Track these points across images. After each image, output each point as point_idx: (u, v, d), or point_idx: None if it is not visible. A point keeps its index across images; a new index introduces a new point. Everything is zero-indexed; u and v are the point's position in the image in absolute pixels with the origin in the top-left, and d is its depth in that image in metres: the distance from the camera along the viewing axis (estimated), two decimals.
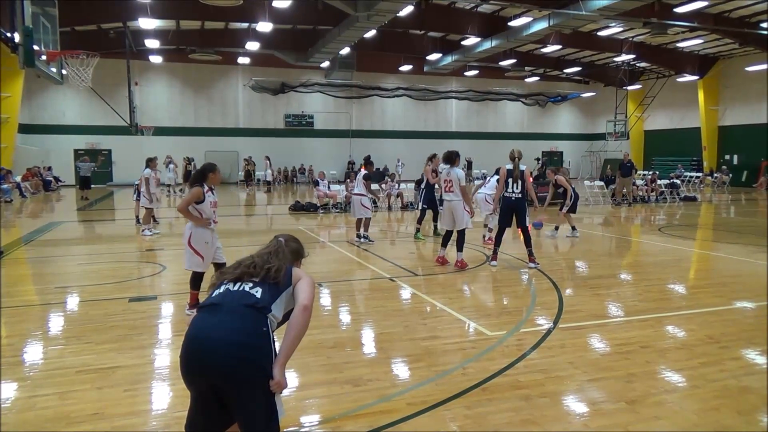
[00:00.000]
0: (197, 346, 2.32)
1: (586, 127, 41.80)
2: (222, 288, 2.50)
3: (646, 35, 27.02)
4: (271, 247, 2.76)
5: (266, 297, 2.45)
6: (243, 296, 2.42)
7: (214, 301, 2.45)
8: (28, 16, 9.42)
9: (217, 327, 2.32)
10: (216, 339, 2.28)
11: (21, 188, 23.18)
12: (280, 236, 2.91)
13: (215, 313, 2.38)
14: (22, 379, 4.37)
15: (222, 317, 2.35)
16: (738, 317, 6.05)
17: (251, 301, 2.40)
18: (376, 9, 20.15)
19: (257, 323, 2.37)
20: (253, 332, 2.33)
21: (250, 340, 2.31)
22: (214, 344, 2.27)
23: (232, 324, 2.32)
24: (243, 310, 2.37)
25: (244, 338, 2.30)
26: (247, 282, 2.49)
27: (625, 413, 3.75)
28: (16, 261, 9.74)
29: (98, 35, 25.62)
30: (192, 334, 2.37)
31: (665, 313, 6.20)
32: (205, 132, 33.28)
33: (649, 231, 13.71)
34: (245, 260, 2.63)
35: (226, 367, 2.27)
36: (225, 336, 2.29)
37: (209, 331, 2.32)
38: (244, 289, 2.45)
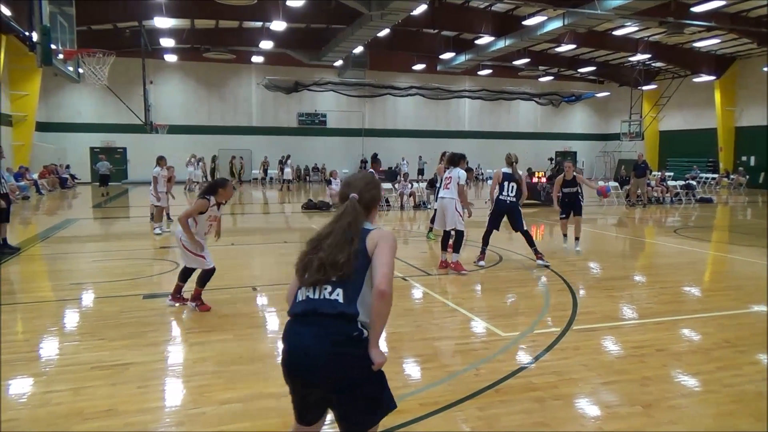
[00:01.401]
0: (296, 361, 2.37)
1: (600, 127, 41.46)
2: (303, 296, 2.45)
3: (662, 35, 26.72)
4: (339, 226, 2.50)
5: (348, 298, 2.38)
6: (326, 305, 2.37)
7: (299, 311, 2.43)
8: (45, 16, 9.53)
9: (310, 340, 2.33)
10: (312, 354, 2.31)
11: (38, 185, 23.47)
12: (351, 192, 2.59)
13: (305, 324, 2.39)
14: (38, 374, 4.42)
15: (312, 329, 2.35)
16: (755, 321, 5.96)
17: (336, 310, 2.35)
18: (390, 8, 20.12)
19: (348, 330, 2.35)
20: (346, 341, 2.33)
21: (344, 349, 2.32)
22: (311, 360, 2.31)
23: (325, 336, 2.32)
24: (330, 320, 2.35)
25: (338, 349, 2.31)
26: (325, 286, 2.40)
27: (640, 417, 3.70)
28: (33, 257, 9.86)
29: (114, 34, 25.85)
30: (289, 347, 2.41)
31: (680, 315, 6.12)
32: (218, 131, 33.46)
33: (664, 233, 13.56)
34: (313, 259, 2.45)
35: (326, 380, 2.33)
36: (320, 350, 2.31)
37: (304, 346, 2.34)
38: (324, 297, 2.39)
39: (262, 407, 3.82)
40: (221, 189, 6.04)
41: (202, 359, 4.72)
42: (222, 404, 3.85)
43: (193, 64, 32.36)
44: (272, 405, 3.86)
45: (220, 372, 4.43)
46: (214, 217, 6.11)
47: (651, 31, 26.81)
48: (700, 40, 27.05)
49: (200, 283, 6.12)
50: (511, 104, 38.54)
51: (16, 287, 7.75)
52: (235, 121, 34.10)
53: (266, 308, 6.41)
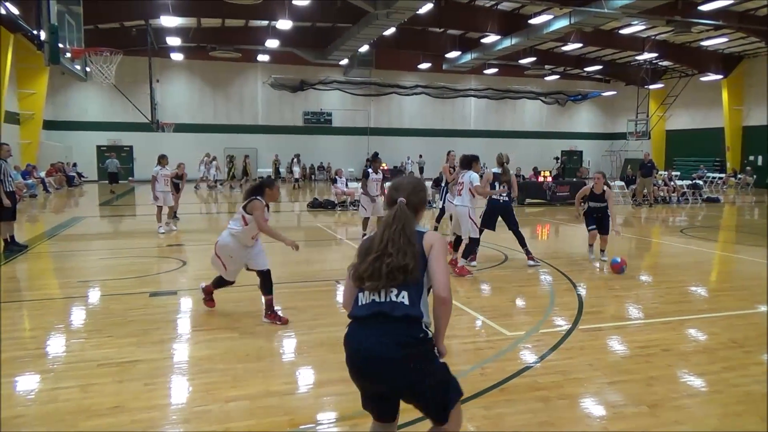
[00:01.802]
0: (365, 363, 2.44)
1: (606, 127, 41.31)
2: (367, 299, 2.49)
3: (669, 34, 26.58)
4: (394, 231, 2.50)
5: (413, 301, 2.44)
6: (392, 307, 2.42)
7: (363, 314, 2.48)
8: (53, 14, 9.58)
9: (379, 343, 2.39)
10: (382, 357, 2.37)
11: (45, 183, 23.60)
12: (399, 196, 2.60)
13: (372, 327, 2.44)
14: (45, 371, 4.45)
15: (380, 331, 2.41)
16: (761, 321, 5.93)
17: (402, 313, 2.40)
18: (395, 7, 20.12)
19: (414, 331, 2.41)
20: (413, 342, 2.39)
21: (410, 351, 2.38)
22: (381, 362, 2.38)
23: (391, 338, 2.38)
24: (396, 322, 2.40)
25: (406, 351, 2.37)
26: (390, 289, 2.44)
27: (646, 417, 3.70)
28: (40, 255, 9.92)
29: (121, 33, 25.94)
30: (355, 348, 2.47)
31: (687, 315, 6.11)
32: (224, 129, 33.55)
33: (671, 232, 13.51)
34: (380, 266, 2.45)
35: (394, 381, 2.41)
36: (387, 352, 2.37)
37: (373, 348, 2.40)
38: (391, 300, 2.43)
39: (269, 405, 3.84)
40: (268, 189, 5.60)
41: (208, 357, 4.74)
42: (228, 402, 3.87)
43: (199, 63, 32.44)
44: (278, 403, 3.87)
45: (227, 370, 4.45)
46: (266, 219, 5.60)
47: (658, 30, 26.69)
48: (707, 38, 26.90)
49: (215, 283, 5.97)
50: (517, 103, 38.47)
51: (23, 284, 7.81)
52: (240, 119, 34.19)
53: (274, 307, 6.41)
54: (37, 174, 23.64)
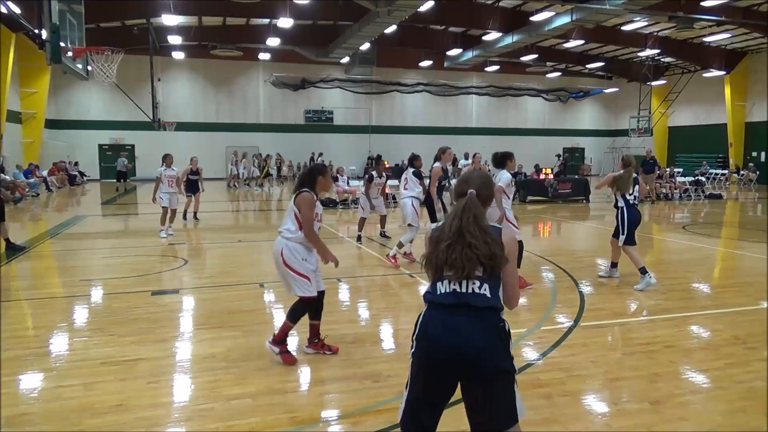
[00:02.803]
0: (443, 350, 2.42)
1: (608, 123, 41.22)
2: (449, 287, 2.48)
3: (672, 30, 26.48)
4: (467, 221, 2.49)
5: (494, 293, 2.48)
6: (474, 298, 2.44)
7: (445, 301, 2.47)
8: (55, 13, 9.58)
9: (459, 331, 2.40)
10: (460, 345, 2.38)
11: (47, 182, 23.64)
12: (470, 188, 2.58)
13: (453, 315, 2.44)
14: (48, 369, 4.46)
15: (461, 320, 2.42)
16: (765, 317, 5.90)
17: (485, 304, 2.43)
18: (397, 4, 20.08)
19: (494, 322, 2.45)
20: (493, 334, 2.43)
21: (491, 343, 2.41)
22: (460, 350, 2.39)
23: (473, 328, 2.40)
24: (478, 312, 2.43)
25: (486, 341, 2.40)
26: (472, 281, 2.46)
27: (649, 413, 3.69)
28: (42, 254, 9.94)
29: (122, 32, 25.94)
30: (435, 335, 2.44)
31: (690, 312, 6.09)
32: (226, 127, 33.55)
33: (674, 229, 13.48)
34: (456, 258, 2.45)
35: (472, 369, 2.40)
36: (469, 341, 2.38)
37: (453, 336, 2.40)
38: (473, 291, 2.45)
39: (271, 403, 3.84)
40: (321, 177, 4.62)
41: (211, 355, 4.74)
42: (231, 400, 3.88)
43: (200, 62, 32.43)
44: (281, 401, 3.88)
45: (229, 368, 4.45)
46: (319, 216, 4.64)
47: (660, 26, 26.59)
48: (710, 34, 26.80)
49: (291, 317, 4.59)
50: (519, 100, 38.40)
51: (26, 283, 7.83)
52: (242, 118, 34.18)
53: (274, 304, 6.43)
54: (39, 173, 23.68)
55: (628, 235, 7.26)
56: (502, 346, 2.42)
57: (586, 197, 19.74)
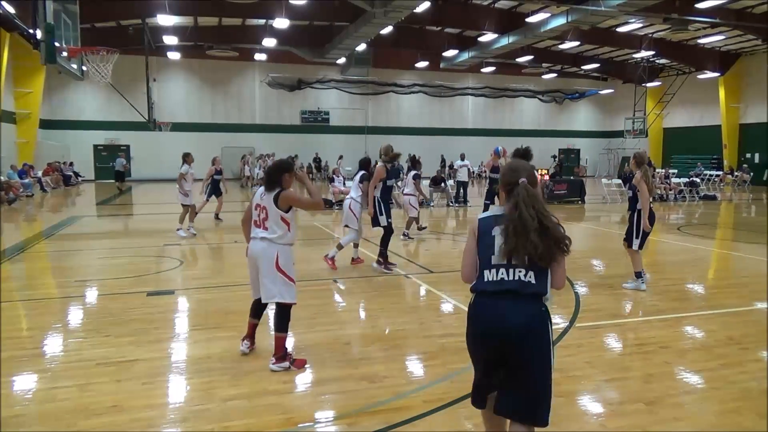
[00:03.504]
0: (494, 330, 2.64)
1: (603, 125, 41.35)
2: (497, 275, 2.66)
3: (667, 31, 26.59)
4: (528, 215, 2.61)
5: (539, 282, 2.65)
6: (521, 285, 2.63)
7: (492, 289, 2.67)
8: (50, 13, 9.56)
9: (506, 314, 2.62)
10: (507, 325, 2.60)
11: (42, 183, 23.54)
12: (521, 177, 2.72)
13: (501, 299, 2.64)
14: (43, 371, 4.45)
15: (508, 304, 2.63)
16: (759, 318, 5.94)
17: (529, 290, 2.63)
18: (393, 5, 20.09)
19: (536, 307, 2.65)
20: (536, 317, 2.64)
21: (533, 324, 2.62)
22: (508, 330, 2.60)
23: (518, 311, 2.62)
24: (523, 298, 2.63)
25: (529, 323, 2.61)
26: (519, 269, 2.64)
27: (644, 414, 3.71)
28: (37, 255, 9.90)
29: (118, 32, 25.87)
30: (487, 317, 2.68)
31: (685, 313, 6.12)
32: (221, 128, 33.49)
33: (668, 230, 13.53)
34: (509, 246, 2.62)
35: (518, 344, 2.60)
36: (515, 322, 2.60)
37: (501, 318, 2.62)
38: (519, 278, 2.64)
39: (266, 404, 3.84)
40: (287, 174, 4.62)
41: (206, 356, 4.74)
42: (226, 401, 3.87)
43: (196, 62, 32.38)
44: (276, 402, 3.88)
45: (225, 369, 4.45)
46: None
47: (655, 28, 26.71)
48: (704, 36, 26.94)
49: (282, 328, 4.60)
50: (515, 101, 38.49)
51: (21, 284, 7.79)
52: (238, 118, 34.13)
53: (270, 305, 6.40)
54: (33, 173, 23.58)
55: (642, 240, 6.99)
56: (539, 328, 2.63)
57: (581, 198, 19.80)
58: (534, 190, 2.70)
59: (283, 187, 4.54)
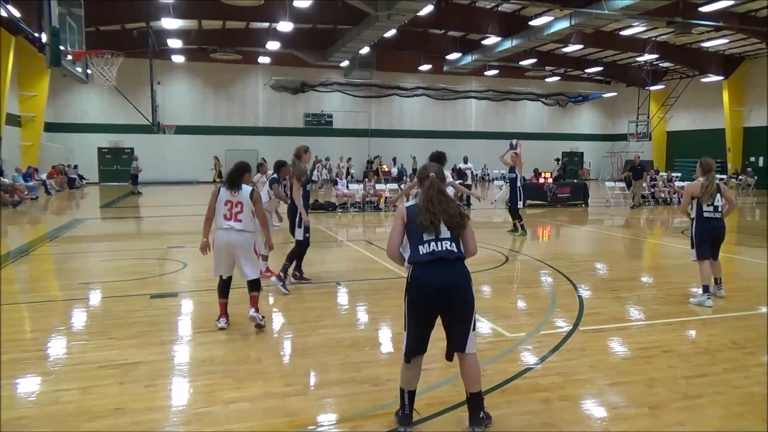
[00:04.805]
0: (434, 290, 3.38)
1: (607, 128, 41.30)
2: (429, 247, 3.40)
3: (670, 35, 26.59)
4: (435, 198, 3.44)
5: (459, 248, 3.46)
6: (448, 253, 3.40)
7: (428, 259, 3.39)
8: (54, 17, 9.58)
9: (443, 276, 3.39)
10: (446, 285, 3.39)
11: (46, 185, 23.61)
12: (431, 171, 3.55)
13: (437, 266, 3.38)
14: (46, 373, 4.46)
15: (443, 268, 3.39)
16: (763, 322, 5.91)
17: (454, 256, 3.41)
18: (396, 8, 20.12)
19: (462, 267, 3.47)
20: (462, 274, 3.45)
21: (462, 281, 3.44)
22: (446, 288, 3.39)
23: (451, 272, 3.41)
24: (452, 262, 3.41)
25: (459, 281, 3.43)
26: (445, 241, 3.42)
27: (647, 418, 3.69)
28: (41, 257, 9.93)
29: (122, 35, 25.97)
30: (426, 281, 3.39)
31: (688, 317, 6.10)
32: (225, 131, 33.56)
33: (671, 233, 13.50)
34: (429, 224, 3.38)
35: (453, 300, 3.41)
36: (449, 281, 3.39)
37: (440, 279, 3.38)
38: (446, 248, 3.40)
39: (269, 407, 3.84)
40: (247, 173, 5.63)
41: (209, 359, 4.74)
42: (229, 403, 3.87)
43: (200, 65, 32.48)
44: (279, 405, 3.88)
45: (227, 371, 4.45)
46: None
47: (659, 31, 26.68)
48: (708, 40, 26.88)
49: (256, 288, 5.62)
50: (518, 105, 38.45)
51: (25, 286, 7.82)
52: (241, 121, 34.19)
53: (272, 308, 6.42)
54: (38, 176, 23.65)
55: (698, 250, 6.63)
56: (466, 283, 3.44)
57: (585, 201, 19.77)
58: (439, 182, 3.54)
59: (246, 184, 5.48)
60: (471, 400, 3.52)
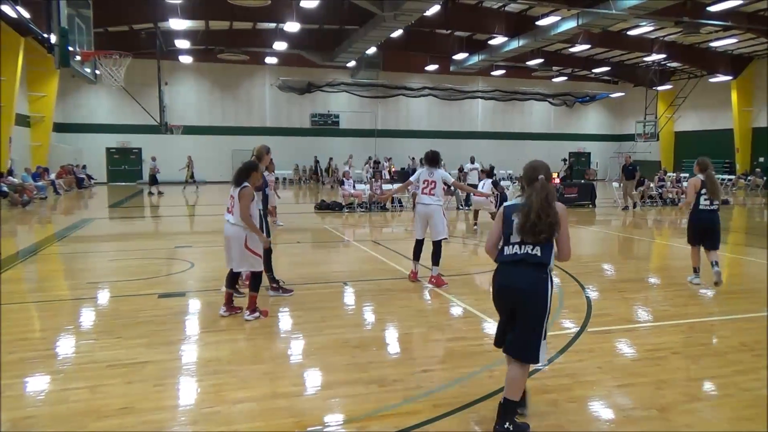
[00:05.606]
0: (504, 289, 3.53)
1: (614, 128, 41.12)
2: (512, 249, 3.49)
3: (678, 35, 26.44)
4: (537, 203, 3.40)
5: (544, 253, 3.45)
6: (528, 257, 3.44)
7: (509, 259, 3.49)
8: (63, 18, 9.66)
9: (514, 278, 3.47)
10: (514, 286, 3.47)
11: (55, 185, 23.76)
12: (540, 173, 3.51)
13: (513, 267, 3.47)
14: (55, 372, 4.48)
15: (517, 270, 3.46)
16: None
17: (534, 260, 3.43)
18: (403, 8, 20.11)
19: (539, 273, 3.45)
20: (534, 279, 3.43)
21: (532, 286, 3.43)
22: (513, 290, 3.47)
23: (522, 276, 3.45)
24: (529, 266, 3.44)
25: (528, 285, 3.43)
26: (528, 245, 3.44)
27: (656, 421, 3.67)
28: (50, 257, 9.99)
29: (130, 36, 26.10)
30: (499, 280, 3.56)
31: (696, 318, 6.06)
32: (232, 131, 33.66)
33: (680, 234, 13.40)
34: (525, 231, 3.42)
35: (518, 302, 3.46)
36: (518, 284, 3.45)
37: (510, 281, 3.49)
38: (527, 251, 3.44)
39: (276, 407, 3.84)
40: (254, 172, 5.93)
41: (216, 358, 4.75)
42: (236, 403, 3.88)
43: (207, 66, 32.59)
44: (285, 405, 3.88)
45: (234, 371, 4.46)
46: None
47: (666, 31, 26.54)
48: (716, 39, 26.71)
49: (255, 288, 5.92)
50: (525, 105, 38.35)
51: (33, 286, 7.87)
52: (248, 121, 34.28)
53: (279, 308, 6.43)
54: (47, 176, 23.80)
55: (688, 236, 7.78)
56: (539, 290, 3.42)
57: (592, 202, 19.69)
58: (547, 184, 3.48)
59: (251, 183, 5.74)
60: (501, 404, 3.50)
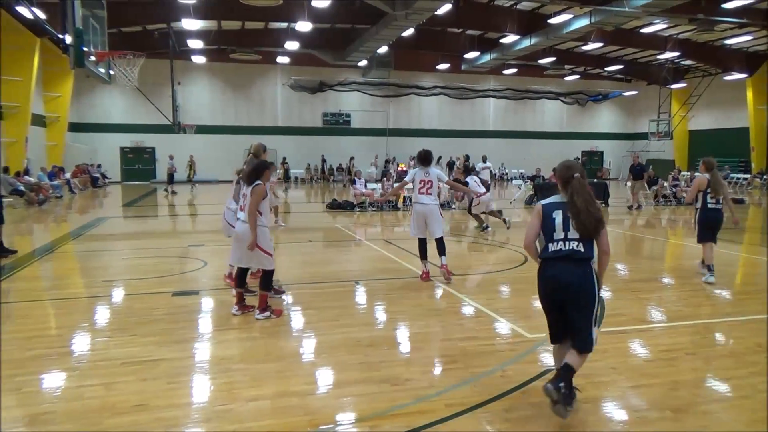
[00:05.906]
0: (552, 285, 3.65)
1: (627, 127, 40.79)
2: (557, 245, 3.61)
3: (692, 32, 26.15)
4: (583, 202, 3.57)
5: (588, 249, 3.60)
6: (573, 252, 3.58)
7: (554, 256, 3.62)
8: (78, 18, 9.76)
9: (562, 273, 3.59)
10: (563, 282, 3.59)
11: (70, 185, 24.02)
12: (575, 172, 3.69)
13: (560, 263, 3.61)
14: (71, 369, 4.53)
15: (565, 266, 3.59)
16: None
17: (578, 256, 3.58)
18: (414, 7, 20.10)
19: (584, 268, 3.60)
20: (581, 274, 3.58)
21: (580, 281, 3.57)
22: (563, 285, 3.59)
23: (570, 271, 3.58)
24: (576, 262, 3.59)
25: (576, 280, 3.57)
26: (572, 241, 3.59)
27: (670, 422, 3.64)
28: (65, 255, 10.10)
29: (143, 36, 26.32)
30: (546, 277, 3.68)
31: (711, 319, 6.00)
32: (244, 130, 33.76)
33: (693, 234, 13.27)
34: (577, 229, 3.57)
35: (568, 297, 3.59)
36: (567, 279, 3.58)
37: (559, 276, 3.60)
38: (572, 248, 3.58)
39: (288, 405, 3.86)
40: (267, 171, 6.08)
41: (229, 356, 4.78)
42: (249, 401, 3.91)
43: (220, 65, 32.77)
44: (298, 403, 3.90)
45: (247, 369, 4.49)
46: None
47: (680, 29, 26.27)
48: (731, 37, 26.41)
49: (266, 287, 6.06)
50: (537, 103, 38.16)
51: (49, 284, 7.97)
52: (260, 121, 34.42)
53: (291, 307, 6.46)
54: (62, 175, 24.07)
55: (698, 234, 7.99)
56: (587, 283, 3.56)
57: (605, 201, 19.54)
58: (585, 182, 3.65)
59: (263, 181, 5.77)
60: (561, 367, 3.63)
